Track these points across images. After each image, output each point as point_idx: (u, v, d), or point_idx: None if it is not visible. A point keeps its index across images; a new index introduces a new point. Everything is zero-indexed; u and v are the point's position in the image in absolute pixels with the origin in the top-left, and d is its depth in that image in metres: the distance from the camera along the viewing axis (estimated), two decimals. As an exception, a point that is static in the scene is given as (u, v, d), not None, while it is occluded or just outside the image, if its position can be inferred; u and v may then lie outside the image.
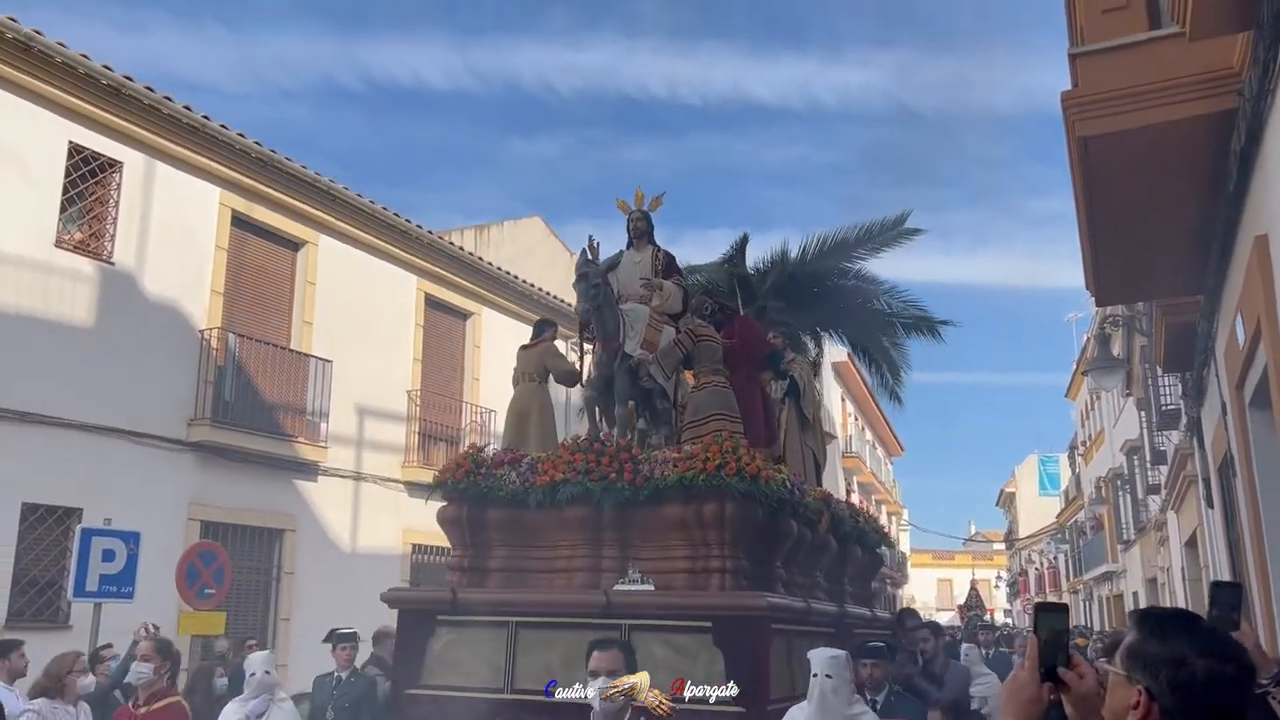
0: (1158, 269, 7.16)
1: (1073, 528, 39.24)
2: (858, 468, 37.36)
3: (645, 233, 8.75)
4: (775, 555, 7.06)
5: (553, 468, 6.97)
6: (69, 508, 10.73)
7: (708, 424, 7.33)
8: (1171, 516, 17.76)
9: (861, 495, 39.87)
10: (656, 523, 6.72)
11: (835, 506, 8.53)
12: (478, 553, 7.24)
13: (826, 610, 7.63)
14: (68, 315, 11.18)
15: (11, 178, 10.72)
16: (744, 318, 9.57)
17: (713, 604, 6.22)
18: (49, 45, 10.76)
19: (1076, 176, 5.70)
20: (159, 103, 11.97)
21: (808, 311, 14.79)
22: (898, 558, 46.82)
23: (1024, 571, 53.43)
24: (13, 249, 10.64)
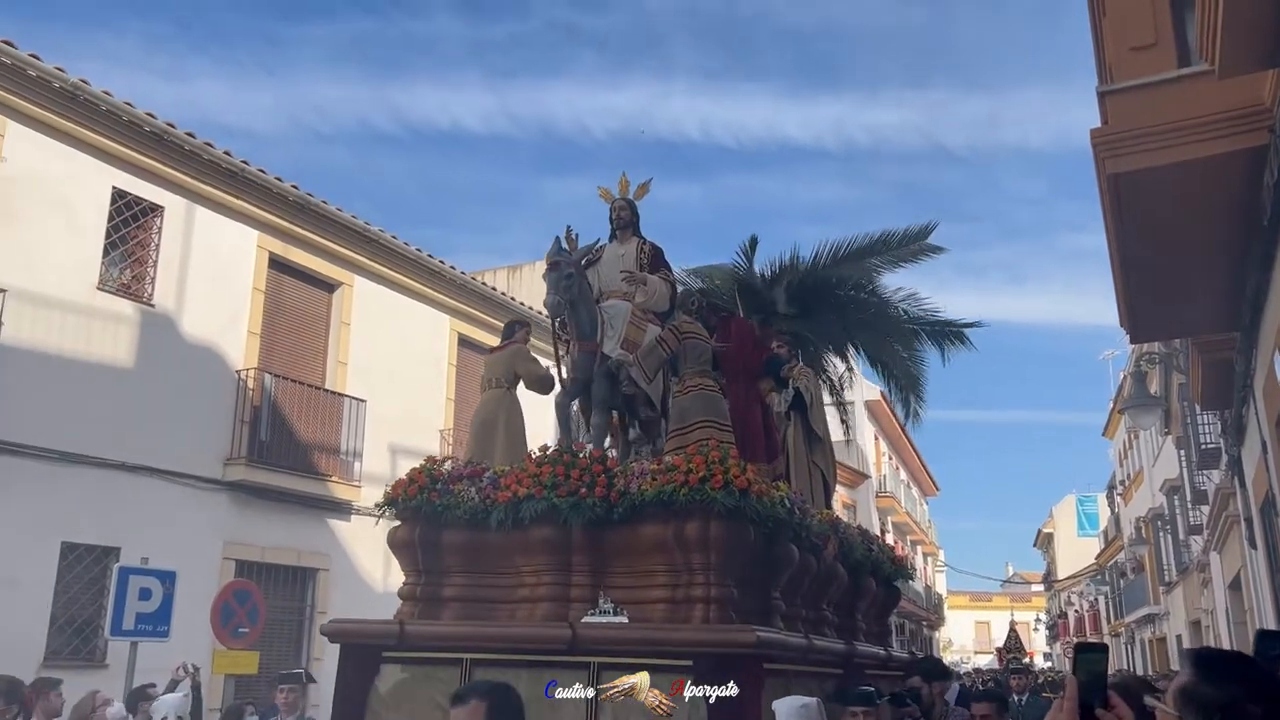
0: (1193, 305, 7.11)
1: (1113, 569, 38.54)
2: (892, 507, 36.99)
3: (630, 223, 7.93)
4: (772, 584, 6.29)
5: (516, 482, 6.09)
6: (107, 546, 10.85)
7: (693, 432, 6.50)
8: (1214, 558, 17.42)
9: (896, 535, 39.43)
10: (632, 544, 5.91)
11: (844, 531, 7.70)
12: (432, 580, 6.45)
13: (832, 648, 6.86)
14: (109, 356, 11.38)
15: (57, 222, 10.98)
16: (741, 320, 8.72)
17: (693, 639, 5.34)
18: (95, 94, 11.07)
19: (1108, 213, 5.70)
20: (199, 148, 12.25)
21: (820, 321, 13.89)
22: (934, 599, 46.18)
23: (1063, 613, 52.41)
24: (57, 292, 10.87)
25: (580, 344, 7.20)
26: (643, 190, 8.05)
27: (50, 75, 10.67)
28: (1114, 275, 6.39)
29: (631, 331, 7.29)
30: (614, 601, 5.77)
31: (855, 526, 8.69)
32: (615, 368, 7.15)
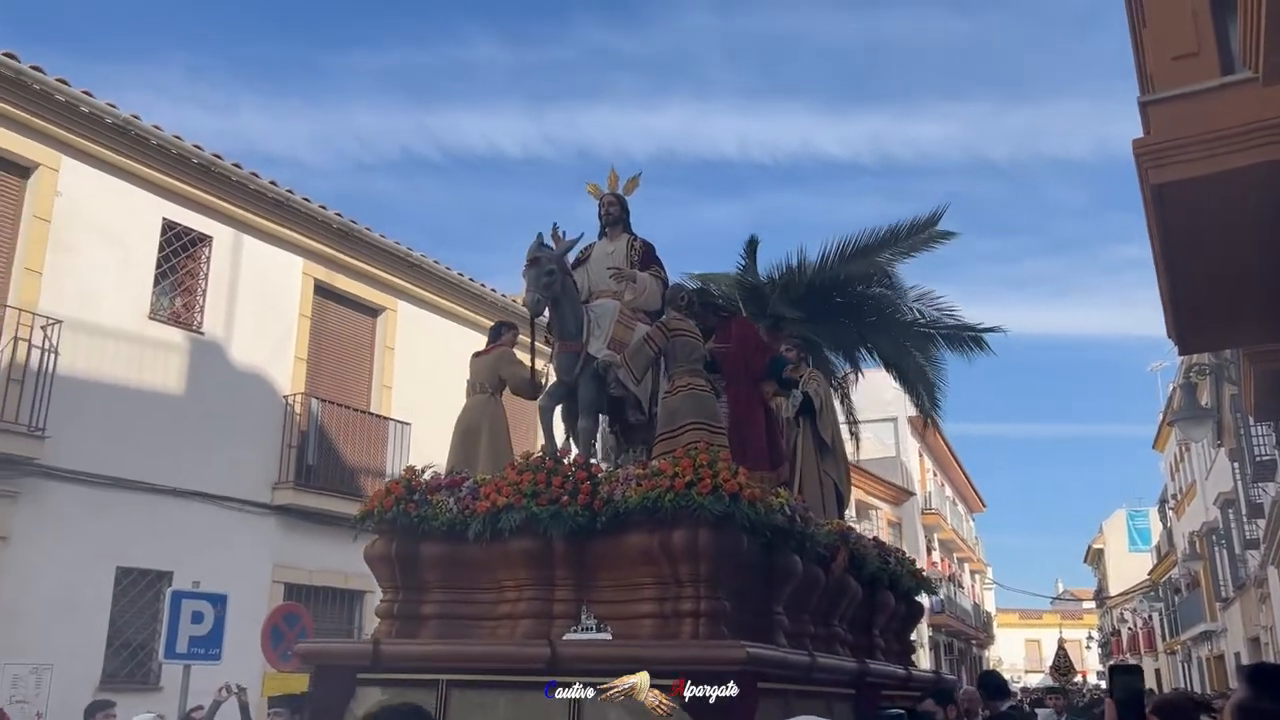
0: (1242, 315, 7.00)
1: (1166, 585, 37.74)
2: (938, 524, 36.57)
3: (619, 219, 7.58)
4: (773, 598, 5.89)
5: (495, 491, 5.74)
6: (160, 571, 11.03)
7: (682, 435, 6.08)
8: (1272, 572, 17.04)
9: (943, 553, 38.97)
10: (617, 556, 5.55)
11: (856, 542, 7.24)
12: (410, 596, 6.12)
13: (841, 666, 6.42)
14: (160, 384, 11.61)
15: (110, 254, 11.25)
16: (741, 320, 8.29)
17: (677, 656, 4.96)
18: (145, 128, 11.36)
19: (1152, 224, 5.64)
20: (246, 179, 12.50)
21: (830, 324, 13.27)
22: (983, 617, 45.50)
23: (1116, 631, 51.39)
24: (109, 321, 11.12)
25: (563, 344, 6.82)
26: (633, 184, 7.68)
27: (102, 111, 10.97)
28: (1160, 286, 6.32)
29: (619, 331, 6.89)
30: (599, 617, 5.42)
31: (870, 538, 8.24)
32: (602, 369, 6.74)
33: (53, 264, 10.65)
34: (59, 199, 10.79)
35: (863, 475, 29.70)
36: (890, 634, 8.19)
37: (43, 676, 9.91)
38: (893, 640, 8.24)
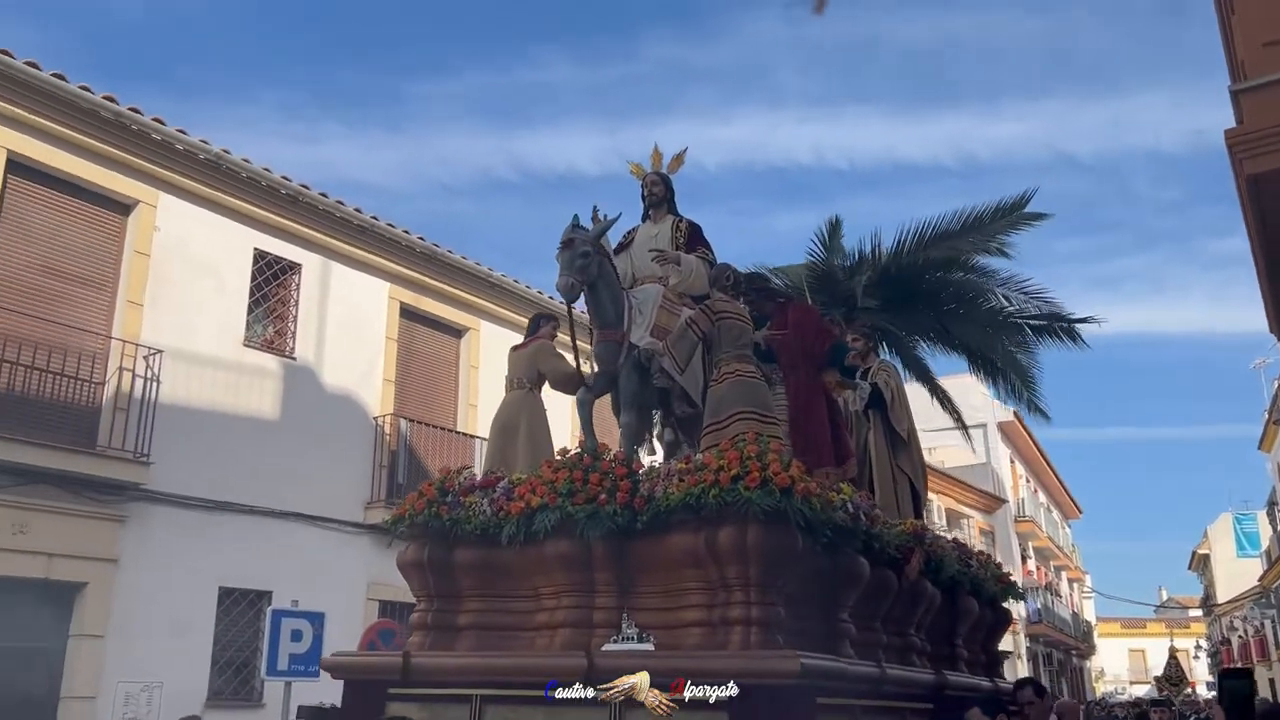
0: (1349, 307, 6.73)
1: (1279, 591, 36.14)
2: (1032, 532, 35.65)
3: (664, 200, 7.13)
4: (838, 605, 5.44)
5: (530, 491, 5.36)
6: (260, 590, 11.36)
7: (729, 425, 5.59)
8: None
9: (1038, 561, 37.97)
10: (661, 558, 5.11)
11: (933, 544, 6.70)
12: (444, 605, 5.75)
13: (915, 678, 5.91)
14: (255, 409, 11.98)
15: (206, 285, 11.67)
16: (799, 305, 7.70)
17: (722, 668, 4.48)
18: (235, 162, 11.77)
19: (1249, 216, 5.47)
20: (332, 207, 12.87)
21: (908, 313, 12.57)
22: (1083, 627, 44.15)
23: (1225, 640, 49.35)
24: (206, 350, 11.53)
25: (603, 333, 6.37)
26: (677, 162, 7.25)
27: (195, 148, 11.40)
28: (1260, 280, 6.11)
29: (663, 317, 6.41)
30: (643, 626, 4.99)
31: (949, 539, 7.76)
32: (645, 359, 6.27)
33: (153, 296, 11.08)
34: (157, 233, 11.24)
35: (953, 483, 29.14)
36: (975, 643, 7.73)
37: (153, 694, 10.27)
38: (978, 650, 7.79)
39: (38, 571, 9.70)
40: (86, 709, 9.83)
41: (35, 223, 10.39)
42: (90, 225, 10.88)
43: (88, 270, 10.76)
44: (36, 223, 10.40)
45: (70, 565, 9.91)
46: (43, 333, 10.08)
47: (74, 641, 9.96)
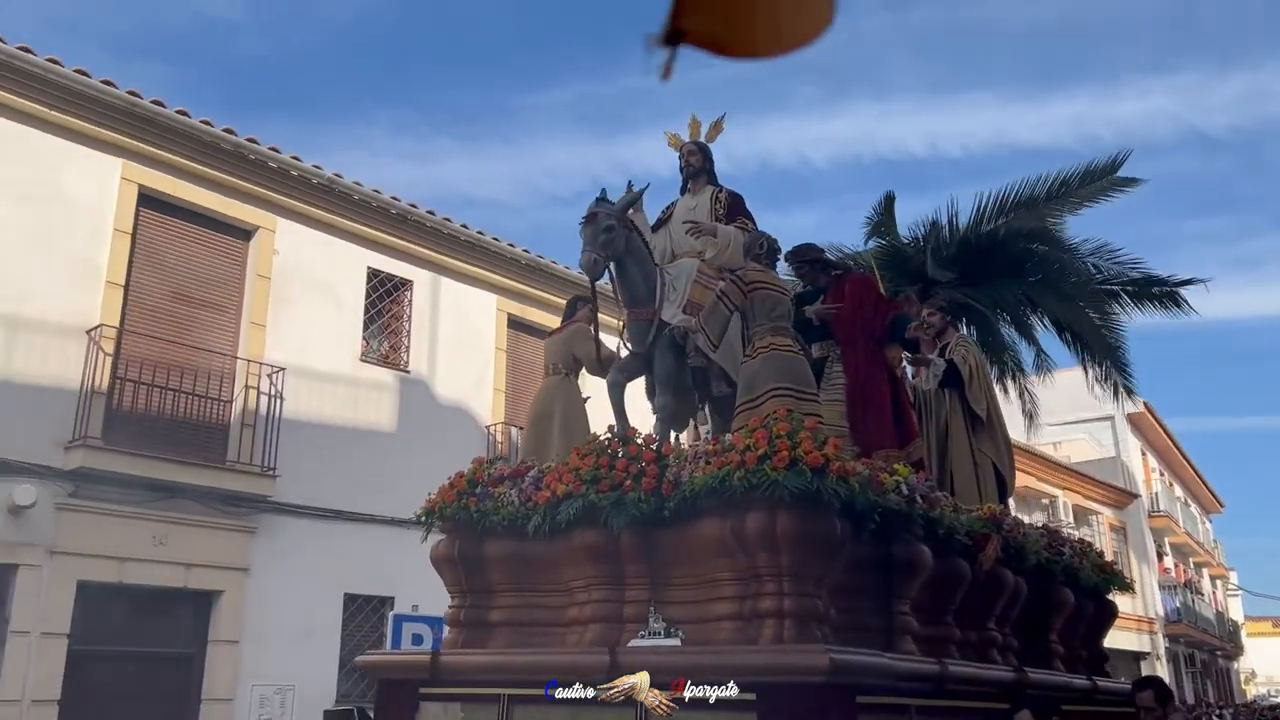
0: None
1: None
2: (1168, 528, 34.09)
3: (702, 170, 6.73)
4: (896, 596, 5.03)
5: (557, 479, 5.08)
6: (382, 596, 11.79)
7: (763, 403, 5.20)
8: None
9: (1176, 558, 36.30)
10: (691, 548, 4.79)
11: (1012, 529, 6.12)
12: (477, 601, 5.53)
13: (984, 676, 5.33)
14: (373, 421, 12.44)
15: (325, 304, 12.19)
16: (856, 277, 7.27)
17: (747, 664, 4.15)
18: (348, 185, 12.27)
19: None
20: (440, 224, 13.28)
21: (989, 286, 11.87)
22: (1228, 627, 41.95)
23: (1391, 639, 46.24)
24: (326, 366, 12.03)
25: (633, 311, 6.06)
26: (716, 129, 6.82)
27: (309, 173, 11.92)
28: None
29: (698, 292, 5.98)
30: (675, 620, 4.71)
31: (1039, 526, 7.15)
32: (679, 337, 5.91)
33: (274, 317, 11.63)
34: (277, 257, 11.79)
35: (1080, 479, 28.13)
36: (1075, 639, 7.16)
37: (286, 697, 10.78)
38: (1078, 646, 7.22)
39: (177, 581, 10.29)
40: (225, 711, 10.37)
41: (166, 252, 11.03)
42: (215, 252, 11.49)
43: (214, 294, 11.36)
44: (167, 252, 11.04)
45: (206, 574, 10.48)
46: (175, 355, 10.69)
47: (212, 647, 10.52)
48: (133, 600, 10.11)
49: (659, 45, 0.97)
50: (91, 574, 9.70)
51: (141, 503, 10.04)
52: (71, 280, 10.06)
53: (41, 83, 9.95)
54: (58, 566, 9.51)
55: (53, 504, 9.54)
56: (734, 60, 1.05)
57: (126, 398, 10.31)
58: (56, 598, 9.44)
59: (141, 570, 10.02)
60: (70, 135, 10.28)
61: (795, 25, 1.01)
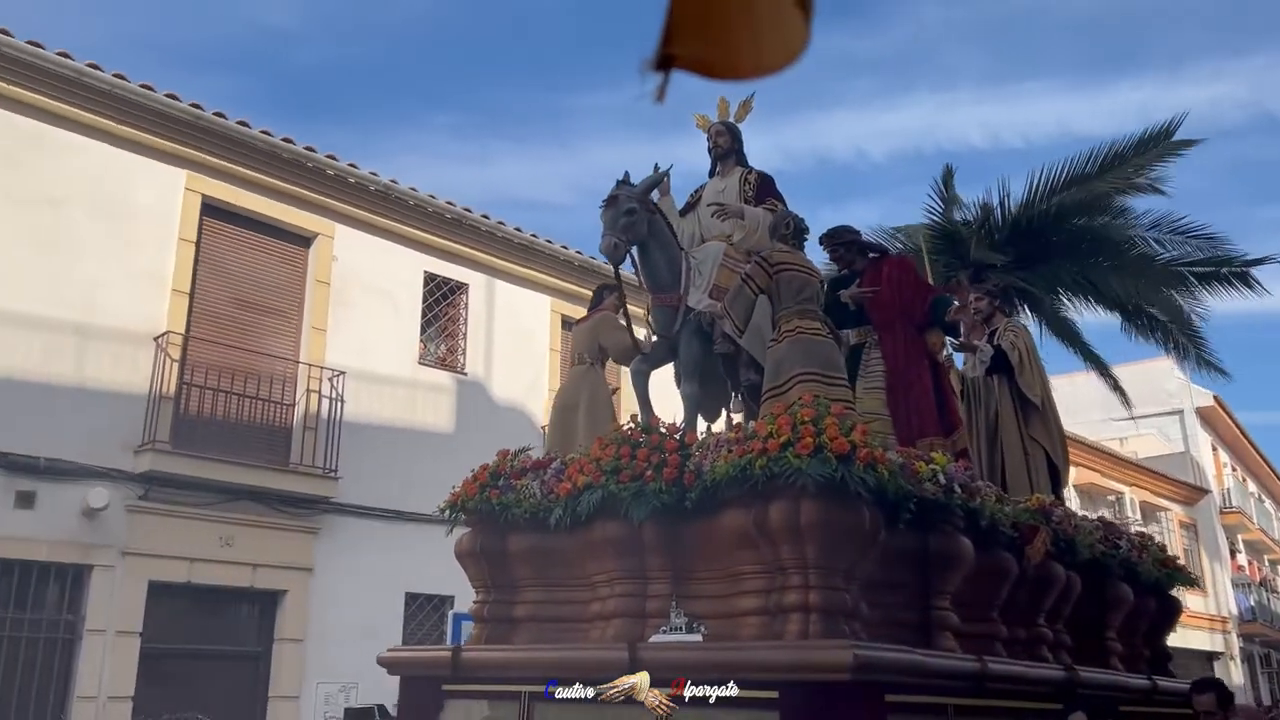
0: None
1: None
2: (1241, 524, 33.18)
3: (731, 151, 6.52)
4: (934, 591, 4.83)
5: (579, 471, 4.92)
6: (442, 595, 11.94)
7: (789, 389, 5.02)
8: None
9: (1250, 555, 35.33)
10: (713, 540, 4.62)
11: (1063, 521, 5.83)
12: (501, 597, 5.42)
13: (1030, 675, 5.08)
14: (431, 423, 12.61)
15: (383, 308, 12.39)
16: (895, 259, 6.95)
17: (767, 660, 4.01)
18: (403, 191, 12.47)
19: None
20: (494, 228, 13.42)
21: (1044, 267, 11.45)
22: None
23: None
24: (385, 369, 12.23)
25: (657, 297, 5.89)
26: (745, 109, 6.60)
27: (366, 180, 12.13)
28: None
29: (724, 276, 5.75)
30: (699, 615, 4.54)
31: (1093, 518, 6.79)
32: (706, 323, 5.74)
33: (334, 321, 11.86)
34: (335, 263, 12.02)
35: (1147, 474, 27.52)
36: (1134, 637, 6.87)
37: (350, 694, 10.96)
38: (1139, 644, 6.95)
39: (243, 581, 10.54)
40: (291, 708, 10.60)
41: (228, 260, 11.30)
42: (275, 258, 11.74)
43: (275, 300, 11.62)
44: (229, 260, 11.31)
45: (271, 574, 10.72)
46: (239, 360, 10.94)
47: (278, 645, 10.75)
48: (201, 600, 10.39)
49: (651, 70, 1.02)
50: (162, 574, 9.98)
51: (208, 505, 10.30)
52: (139, 289, 10.35)
53: (109, 97, 10.27)
54: (130, 567, 9.80)
55: (124, 506, 9.84)
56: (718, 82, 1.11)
57: (193, 402, 10.59)
58: (129, 597, 9.73)
59: (209, 570, 10.29)
60: (137, 148, 10.59)
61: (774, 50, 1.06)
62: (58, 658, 9.34)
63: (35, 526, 9.33)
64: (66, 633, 9.45)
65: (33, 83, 9.89)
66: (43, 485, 9.42)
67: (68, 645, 9.43)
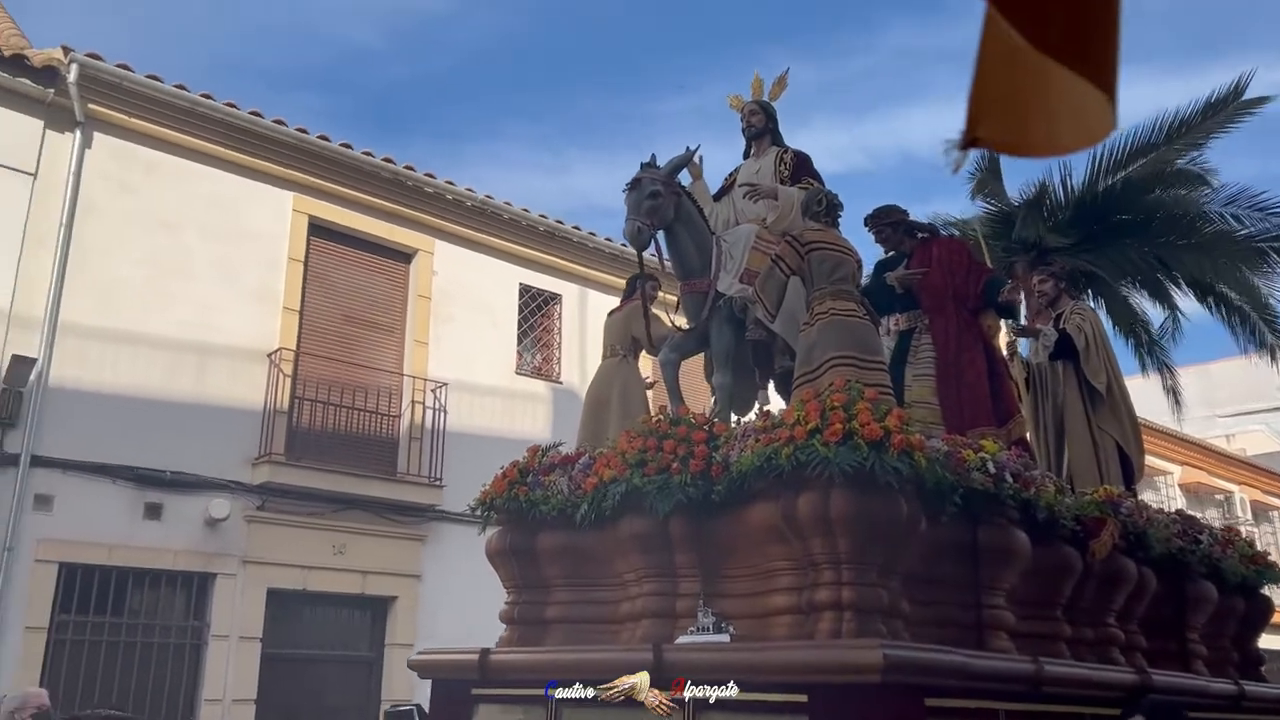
0: None
1: None
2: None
3: (765, 131, 6.22)
4: (988, 588, 4.53)
5: (605, 465, 4.73)
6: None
7: (822, 374, 4.73)
8: None
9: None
10: (743, 535, 4.39)
11: (1133, 514, 5.40)
12: (532, 597, 5.25)
13: (1094, 678, 4.68)
14: (529, 432, 12.83)
15: (480, 320, 12.70)
16: (945, 240, 6.58)
17: (793, 661, 3.76)
18: (498, 206, 12.77)
19: None
20: (585, 239, 13.65)
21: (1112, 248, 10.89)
22: None
23: None
24: (484, 379, 12.52)
25: (687, 283, 5.65)
26: (779, 87, 6.30)
27: (463, 196, 12.46)
28: None
29: (755, 260, 5.46)
30: (730, 615, 4.32)
31: (1169, 511, 6.34)
32: (738, 310, 5.50)
33: (435, 334, 12.19)
34: (435, 277, 12.36)
35: (1258, 473, 26.54)
36: (1221, 639, 6.41)
37: (458, 697, 11.23)
38: (1227, 647, 6.48)
39: (355, 588, 10.90)
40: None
41: (334, 277, 11.71)
42: (378, 275, 12.13)
43: (379, 315, 11.99)
44: (335, 277, 11.72)
45: (381, 581, 11.06)
46: (346, 374, 11.33)
47: (389, 650, 11.07)
48: (316, 606, 10.77)
49: (959, 149, 1.14)
50: (279, 581, 10.39)
51: (321, 514, 10.68)
52: (252, 308, 10.80)
53: (221, 125, 10.74)
54: (250, 575, 10.22)
55: (243, 516, 10.26)
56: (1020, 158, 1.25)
57: (305, 416, 10.99)
58: (250, 604, 10.15)
59: (323, 578, 10.67)
60: (247, 172, 11.05)
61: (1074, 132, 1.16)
62: (186, 662, 9.79)
63: (163, 536, 9.80)
64: (194, 638, 9.90)
65: (150, 114, 10.41)
66: (169, 497, 9.90)
67: (195, 650, 9.88)
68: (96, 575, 9.40)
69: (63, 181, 9.82)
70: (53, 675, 8.88)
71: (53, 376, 9.47)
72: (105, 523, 9.49)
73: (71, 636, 9.23)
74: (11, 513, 8.98)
